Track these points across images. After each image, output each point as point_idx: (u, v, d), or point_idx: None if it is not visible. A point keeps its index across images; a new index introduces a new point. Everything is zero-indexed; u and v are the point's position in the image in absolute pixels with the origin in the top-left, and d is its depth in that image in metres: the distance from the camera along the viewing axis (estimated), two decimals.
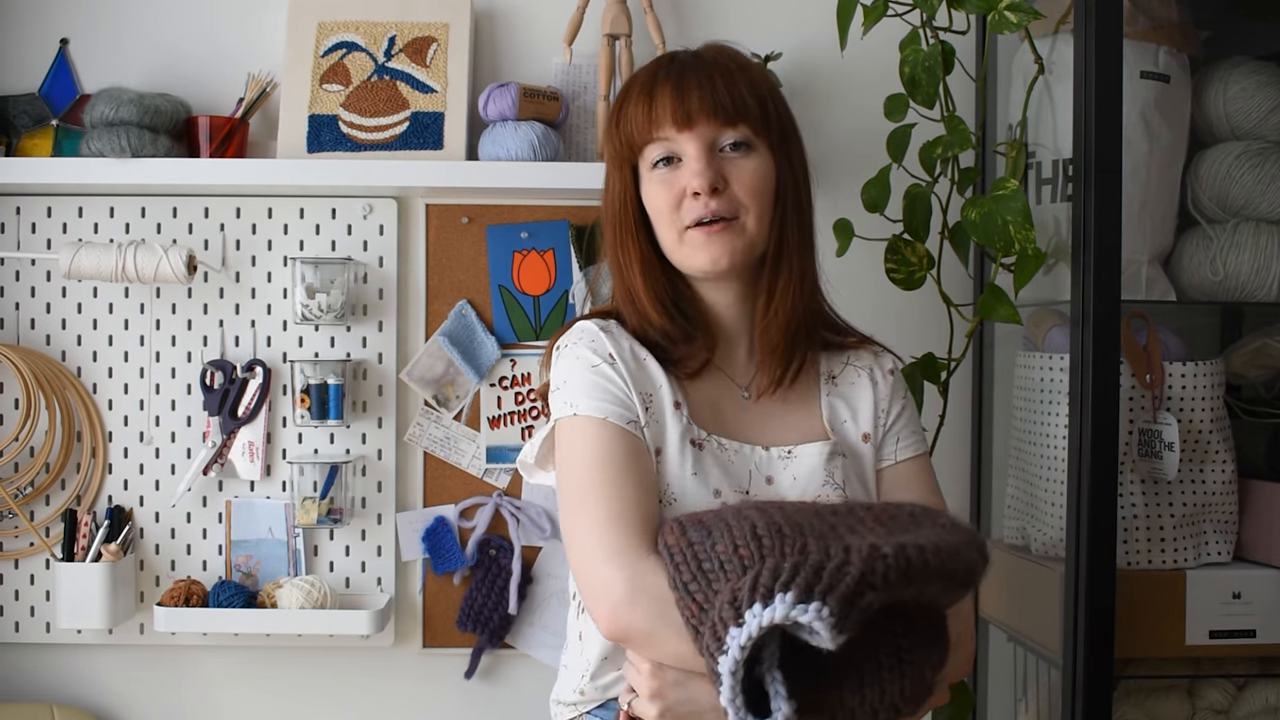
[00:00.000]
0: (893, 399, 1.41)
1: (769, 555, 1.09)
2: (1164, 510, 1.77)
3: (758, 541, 1.10)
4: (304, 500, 2.02)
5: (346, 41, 2.07)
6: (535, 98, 1.99)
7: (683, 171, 1.31)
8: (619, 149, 1.35)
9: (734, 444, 1.33)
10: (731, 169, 1.31)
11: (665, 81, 1.31)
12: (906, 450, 1.41)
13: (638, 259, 1.35)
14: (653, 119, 1.30)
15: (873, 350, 1.45)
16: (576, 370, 1.31)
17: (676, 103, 1.29)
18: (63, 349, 2.08)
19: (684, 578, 1.14)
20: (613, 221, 1.37)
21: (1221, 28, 1.93)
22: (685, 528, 1.17)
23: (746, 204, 1.31)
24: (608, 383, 1.30)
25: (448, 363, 2.09)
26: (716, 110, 1.29)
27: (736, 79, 1.31)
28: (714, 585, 1.11)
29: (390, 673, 2.11)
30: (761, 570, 1.05)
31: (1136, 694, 1.80)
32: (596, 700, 1.35)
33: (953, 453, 2.08)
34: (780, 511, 1.15)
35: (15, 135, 2.08)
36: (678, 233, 1.32)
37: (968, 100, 1.98)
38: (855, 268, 1.98)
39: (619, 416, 1.28)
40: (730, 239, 1.31)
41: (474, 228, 2.10)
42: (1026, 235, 1.65)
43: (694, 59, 1.34)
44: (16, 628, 2.07)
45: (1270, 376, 1.93)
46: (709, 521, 1.16)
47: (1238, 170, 1.82)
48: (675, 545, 1.16)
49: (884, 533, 1.12)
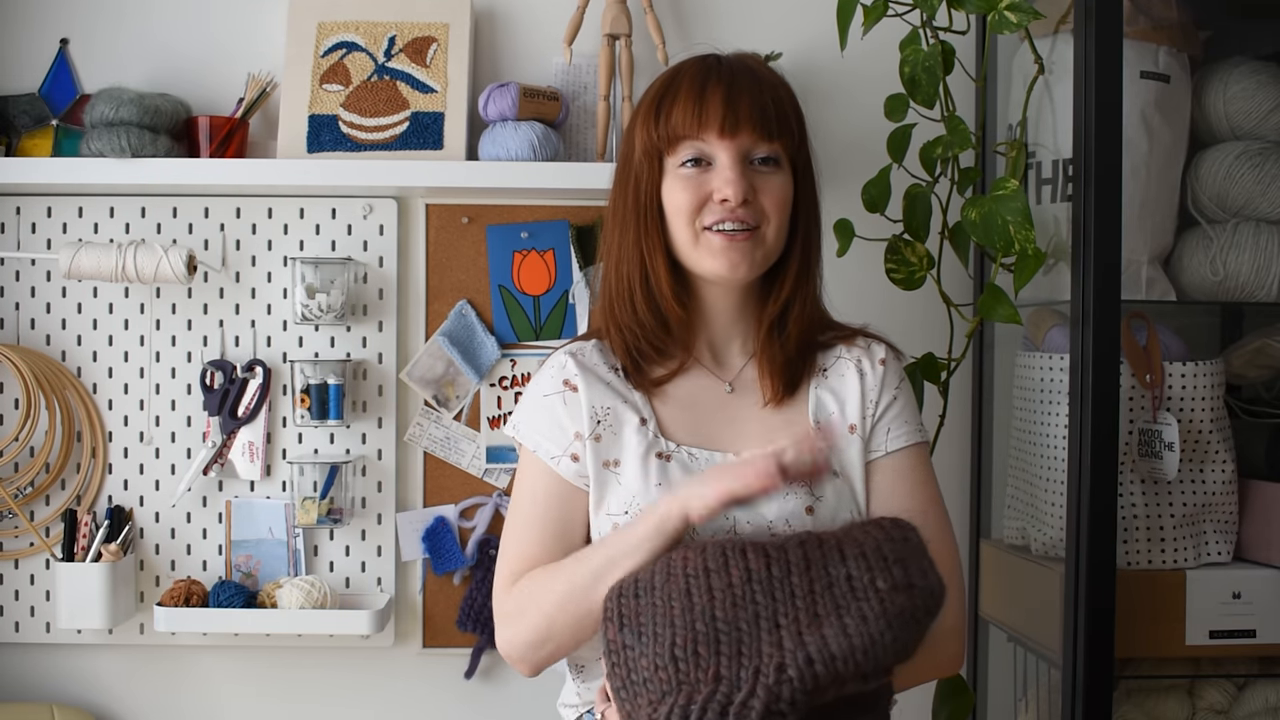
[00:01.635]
0: (883, 389, 1.39)
1: (684, 683, 1.11)
2: (1164, 510, 1.77)
3: (674, 664, 1.12)
4: (304, 500, 2.02)
5: (346, 41, 2.07)
6: (535, 98, 1.99)
7: (713, 176, 1.31)
8: (655, 141, 1.33)
9: (705, 453, 1.34)
10: (760, 181, 1.32)
11: (718, 85, 1.31)
12: (898, 440, 1.38)
13: (661, 249, 1.35)
14: (702, 120, 1.30)
15: (864, 341, 1.44)
16: (530, 399, 1.39)
17: (727, 108, 1.30)
18: (63, 349, 2.08)
19: (615, 683, 1.17)
20: (639, 211, 1.35)
21: (1221, 28, 1.93)
22: (622, 624, 1.18)
23: (770, 215, 1.33)
24: (549, 414, 1.36)
25: (448, 363, 2.09)
26: (761, 123, 1.31)
27: (781, 95, 1.34)
28: (637, 701, 1.15)
29: (390, 673, 2.11)
30: (673, 709, 1.10)
31: (1136, 694, 1.80)
32: (592, 703, 1.37)
33: (953, 453, 2.08)
34: (708, 604, 1.15)
35: (15, 135, 2.08)
36: (694, 233, 1.32)
37: (968, 100, 1.98)
38: (855, 268, 1.98)
39: (546, 452, 1.35)
40: (750, 248, 1.32)
41: (474, 228, 2.10)
42: (1026, 235, 1.65)
43: (742, 66, 1.35)
44: (16, 628, 2.07)
45: (1270, 376, 1.93)
46: (643, 613, 1.17)
47: (1238, 170, 1.82)
48: (613, 643, 1.18)
49: (806, 620, 1.12)
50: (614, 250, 1.38)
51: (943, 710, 1.79)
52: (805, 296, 1.38)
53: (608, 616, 1.20)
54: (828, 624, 1.11)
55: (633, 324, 1.37)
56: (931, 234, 1.83)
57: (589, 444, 1.33)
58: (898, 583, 1.14)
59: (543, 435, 1.36)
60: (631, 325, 1.37)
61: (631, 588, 1.20)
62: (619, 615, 1.18)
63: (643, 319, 1.36)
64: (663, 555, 1.21)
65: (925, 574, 1.16)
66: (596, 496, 1.33)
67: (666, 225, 1.35)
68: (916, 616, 1.13)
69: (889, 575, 1.14)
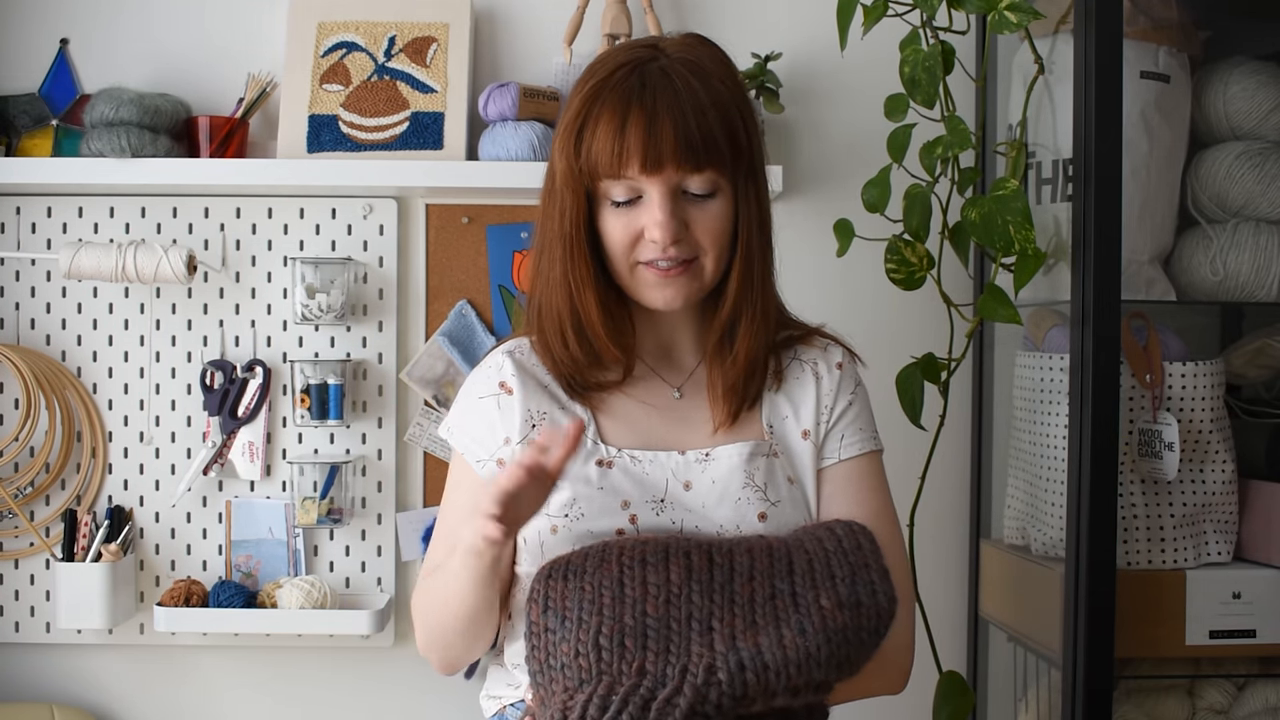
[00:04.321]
0: (838, 394, 1.35)
1: (605, 673, 1.08)
2: (1164, 510, 1.77)
3: (597, 652, 1.09)
4: (304, 500, 2.02)
5: (346, 41, 2.07)
6: (535, 98, 1.99)
7: (642, 213, 1.24)
8: (576, 174, 1.25)
9: (648, 454, 1.29)
10: (694, 212, 1.25)
11: (639, 113, 1.21)
12: (851, 448, 1.34)
13: (591, 284, 1.27)
14: (622, 159, 1.21)
15: (821, 343, 1.38)
16: (464, 398, 1.36)
17: (648, 143, 1.20)
18: (63, 349, 2.08)
19: (533, 666, 1.14)
20: (564, 242, 1.27)
21: (1221, 28, 1.93)
22: (546, 606, 1.14)
23: (705, 247, 1.26)
24: (480, 417, 1.33)
25: (448, 363, 2.09)
26: (688, 156, 1.21)
27: (708, 112, 1.22)
28: (553, 686, 1.11)
29: (390, 673, 2.11)
30: (591, 697, 1.06)
31: (1136, 694, 1.80)
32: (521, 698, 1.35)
33: (953, 453, 2.08)
34: (640, 596, 1.11)
35: (15, 135, 2.08)
36: (629, 266, 1.27)
37: (968, 100, 1.97)
38: (855, 268, 1.98)
39: (473, 455, 1.33)
40: (686, 282, 1.26)
41: (474, 228, 2.10)
42: (1026, 235, 1.65)
43: (666, 82, 1.23)
44: (16, 628, 2.07)
45: (1270, 376, 1.93)
46: (569, 597, 1.13)
47: (1238, 170, 1.82)
48: (535, 624, 1.14)
49: (743, 627, 1.09)
50: (542, 269, 1.31)
51: (943, 710, 1.79)
52: (753, 315, 1.30)
53: (533, 598, 1.17)
54: (764, 634, 1.08)
55: (565, 358, 1.30)
56: (931, 234, 1.83)
57: (518, 449, 1.29)
58: (843, 600, 1.11)
59: (471, 438, 1.33)
60: (564, 359, 1.31)
61: (561, 570, 1.16)
62: (544, 597, 1.15)
63: (575, 355, 1.30)
64: (597, 547, 1.19)
65: (874, 591, 1.13)
66: None
67: (600, 251, 1.27)
68: (861, 636, 1.10)
69: (834, 592, 1.11)
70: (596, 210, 1.27)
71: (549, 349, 1.32)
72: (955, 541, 2.13)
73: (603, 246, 1.27)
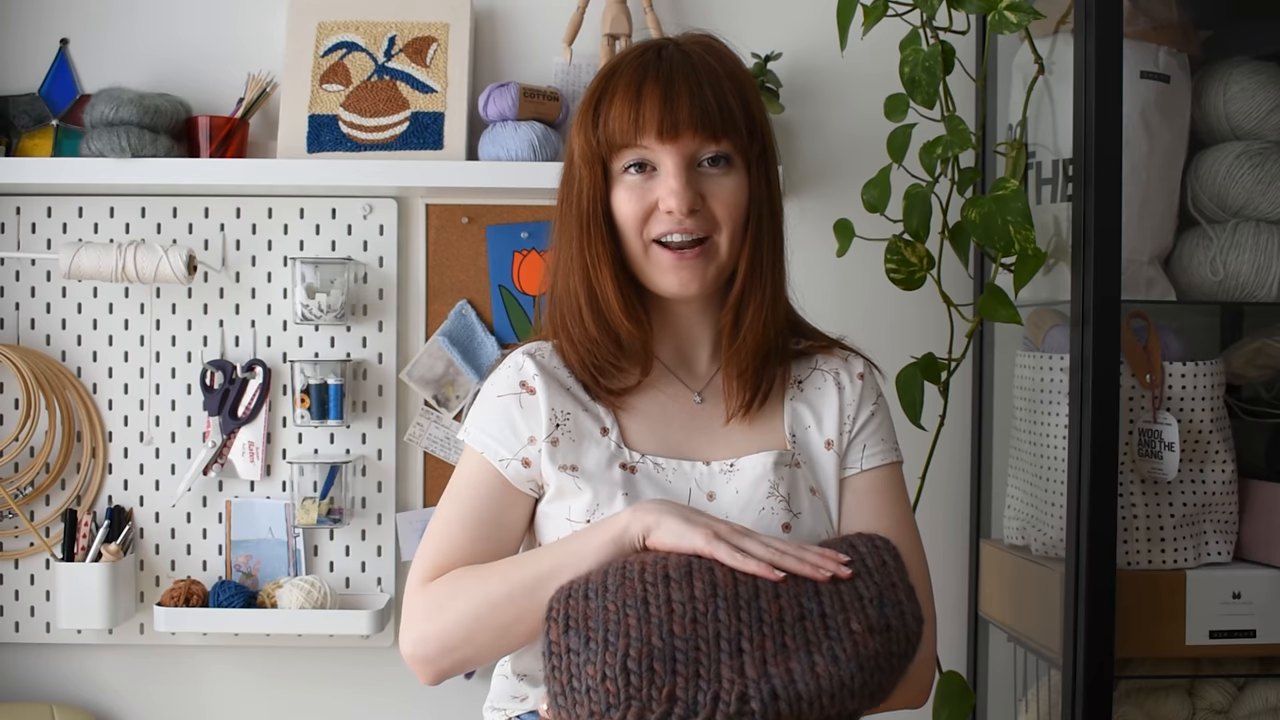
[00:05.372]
0: (861, 404, 1.34)
1: (634, 699, 1.05)
2: (1164, 510, 1.77)
3: (625, 676, 1.06)
4: (304, 500, 2.02)
5: (346, 41, 2.07)
6: (535, 98, 2.00)
7: (657, 184, 1.24)
8: (594, 148, 1.25)
9: (672, 462, 1.28)
10: (709, 185, 1.24)
11: (655, 84, 1.22)
12: (873, 459, 1.33)
13: (608, 262, 1.26)
14: (638, 125, 1.22)
15: (842, 354, 1.38)
16: (483, 398, 1.32)
17: (664, 110, 1.21)
18: (63, 349, 2.08)
19: (554, 688, 1.10)
20: (580, 220, 1.27)
21: (1221, 28, 1.93)
22: (568, 626, 1.10)
23: (721, 222, 1.25)
24: (502, 415, 1.28)
25: (448, 363, 2.09)
26: (704, 123, 1.22)
27: (725, 88, 1.24)
28: (577, 710, 1.08)
29: (390, 673, 2.11)
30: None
31: (1136, 694, 1.80)
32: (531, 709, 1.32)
33: (953, 453, 2.08)
34: (665, 616, 1.08)
35: (15, 135, 2.08)
36: (643, 245, 1.26)
37: (968, 100, 1.98)
38: (855, 268, 1.98)
39: (494, 454, 1.28)
40: (702, 265, 1.25)
41: (474, 228, 2.10)
42: (1026, 235, 1.65)
43: (682, 58, 1.25)
44: (16, 628, 2.07)
45: (1270, 376, 1.93)
46: (593, 617, 1.10)
47: (1238, 170, 1.82)
48: (556, 645, 1.11)
49: (773, 650, 1.06)
50: (560, 260, 1.30)
51: (943, 710, 1.79)
52: (761, 299, 1.28)
53: (552, 617, 1.12)
54: (796, 659, 1.06)
55: (584, 340, 1.29)
56: (931, 234, 1.83)
57: (545, 447, 1.26)
58: (874, 625, 1.09)
59: (492, 437, 1.28)
60: (584, 341, 1.29)
61: (581, 589, 1.13)
62: (565, 617, 1.11)
63: (594, 336, 1.28)
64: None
65: (903, 613, 1.11)
66: (557, 500, 1.27)
67: (617, 234, 1.27)
68: (892, 662, 1.08)
69: (864, 616, 1.09)
70: (612, 190, 1.26)
71: (569, 335, 1.30)
72: (955, 541, 2.13)
73: (619, 232, 1.27)
